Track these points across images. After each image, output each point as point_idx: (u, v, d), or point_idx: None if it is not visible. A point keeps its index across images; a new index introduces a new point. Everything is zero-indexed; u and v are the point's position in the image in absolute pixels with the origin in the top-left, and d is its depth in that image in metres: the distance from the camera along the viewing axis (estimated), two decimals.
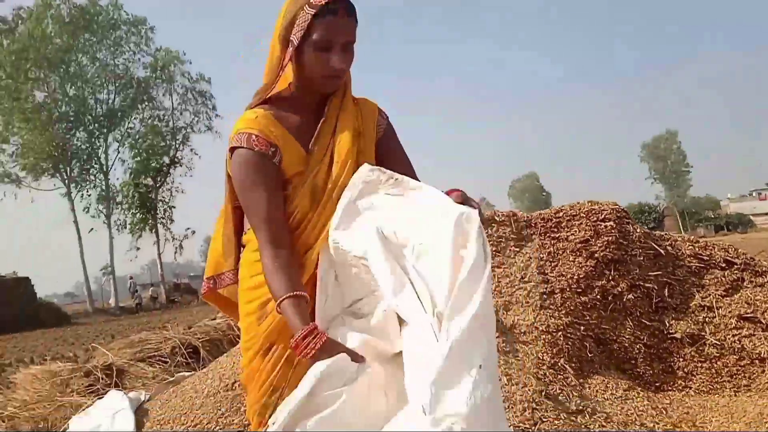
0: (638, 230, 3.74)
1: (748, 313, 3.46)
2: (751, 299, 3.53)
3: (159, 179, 28.41)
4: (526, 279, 3.50)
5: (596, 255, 3.58)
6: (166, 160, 28.46)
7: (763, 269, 3.67)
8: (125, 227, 27.94)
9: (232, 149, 1.48)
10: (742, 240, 21.10)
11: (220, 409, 3.02)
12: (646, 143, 78.49)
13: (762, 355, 3.31)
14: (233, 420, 2.94)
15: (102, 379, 5.01)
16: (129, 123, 28.32)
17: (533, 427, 2.52)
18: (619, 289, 3.53)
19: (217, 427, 2.93)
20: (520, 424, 2.52)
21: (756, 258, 3.77)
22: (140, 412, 3.46)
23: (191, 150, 29.35)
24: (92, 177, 27.76)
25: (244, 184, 1.48)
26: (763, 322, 3.42)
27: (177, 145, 28.71)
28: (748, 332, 3.41)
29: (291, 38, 1.47)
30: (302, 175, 1.50)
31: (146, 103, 28.40)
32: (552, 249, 3.64)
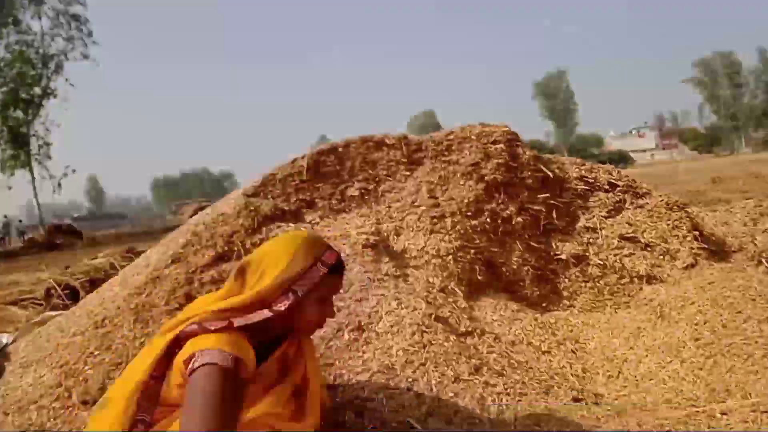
0: (527, 153, 3.71)
1: (629, 234, 3.56)
2: (632, 220, 3.63)
3: (31, 112, 26.07)
4: (416, 203, 3.41)
5: (486, 178, 3.53)
6: (38, 90, 26.09)
7: (644, 191, 3.78)
8: None
9: (211, 364, 1.44)
10: None
11: (88, 348, 2.75)
12: (538, 82, 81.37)
13: (641, 273, 3.43)
14: (104, 358, 2.68)
15: None
16: None
17: (422, 350, 2.45)
18: (509, 213, 3.52)
19: (86, 367, 2.66)
20: (410, 347, 2.45)
21: (637, 180, 3.87)
22: (2, 354, 3.12)
23: (66, 80, 27.06)
24: None
25: (212, 403, 1.40)
26: (642, 241, 3.53)
27: (49, 75, 26.34)
28: (629, 251, 3.52)
29: (295, 288, 1.60)
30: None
31: (11, 27, 25.64)
32: (443, 173, 3.55)
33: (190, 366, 1.46)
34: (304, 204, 3.38)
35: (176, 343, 1.53)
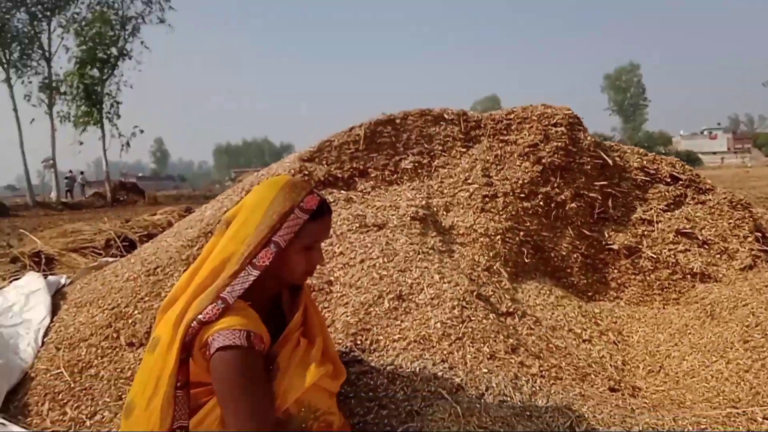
0: (589, 138, 3.63)
1: (686, 229, 3.45)
2: (691, 215, 3.51)
3: (106, 71, 26.90)
4: (469, 181, 3.39)
5: (543, 161, 3.47)
6: (114, 51, 26.88)
7: (707, 187, 3.65)
8: (69, 119, 26.65)
9: (224, 348, 1.42)
10: None
11: (139, 293, 2.87)
12: (609, 74, 78.90)
13: (695, 270, 3.33)
14: (153, 304, 2.80)
15: (30, 266, 4.79)
16: (75, 8, 26.43)
17: (461, 325, 2.45)
18: (563, 197, 3.46)
19: (136, 311, 2.79)
20: (448, 321, 2.45)
21: (701, 176, 3.74)
22: (58, 295, 3.29)
23: (141, 42, 27.91)
24: (34, 63, 26.19)
25: (239, 385, 1.42)
26: (700, 238, 3.42)
27: (126, 36, 27.07)
28: (684, 247, 3.41)
29: (276, 240, 1.51)
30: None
31: None
32: (499, 152, 3.52)
33: (207, 354, 1.45)
34: (357, 173, 3.41)
35: (185, 349, 1.48)
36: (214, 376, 1.44)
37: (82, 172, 34.66)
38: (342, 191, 3.27)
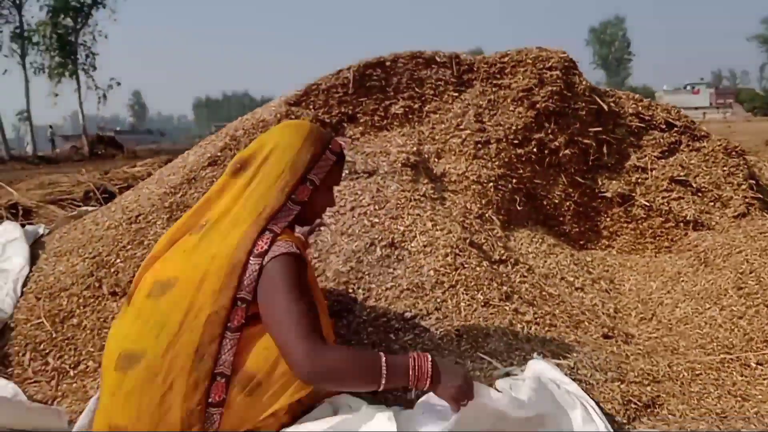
0: (584, 83, 3.53)
1: (680, 176, 3.41)
2: (685, 162, 3.46)
3: (80, 20, 26.08)
4: (461, 126, 3.29)
5: (538, 106, 3.37)
6: None
7: (702, 134, 3.59)
8: (43, 70, 25.92)
9: (281, 255, 1.49)
10: None
11: (121, 242, 2.77)
12: (594, 28, 78.31)
13: (688, 218, 3.30)
14: (136, 253, 2.71)
15: (6, 218, 4.65)
16: None
17: (454, 272, 2.40)
18: (557, 144, 3.38)
19: (118, 260, 2.70)
20: (441, 269, 2.40)
21: (696, 122, 3.68)
22: (37, 245, 3.18)
23: None
24: (5, 12, 25.27)
25: (296, 287, 1.46)
26: (694, 185, 3.38)
27: None
28: (678, 195, 3.38)
29: (311, 177, 1.62)
30: None
31: None
32: (492, 96, 3.41)
33: (262, 262, 1.48)
34: (345, 117, 3.29)
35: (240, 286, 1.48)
36: (267, 282, 1.46)
37: (50, 126, 33.88)
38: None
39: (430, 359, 1.45)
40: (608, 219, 3.41)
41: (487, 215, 3.04)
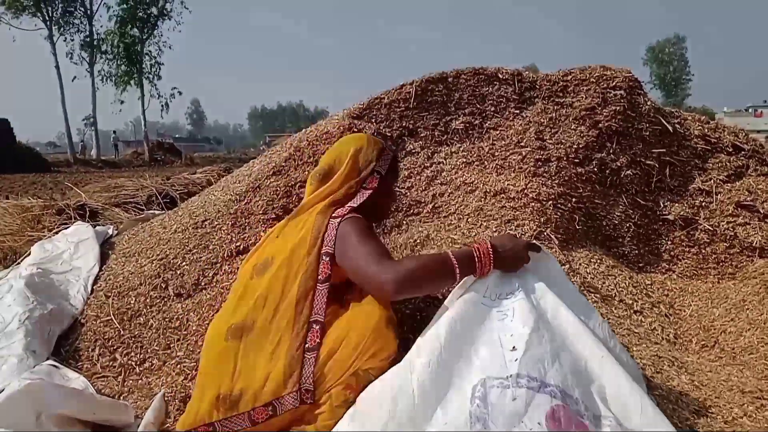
0: (649, 103, 3.48)
1: (747, 201, 3.31)
2: (753, 187, 3.36)
3: (146, 31, 27.09)
4: (522, 144, 3.28)
5: (600, 125, 3.34)
6: (155, 11, 27.00)
7: None
8: (110, 78, 26.98)
9: (350, 217, 1.78)
10: None
11: (187, 245, 2.87)
12: (652, 47, 76.52)
13: (754, 244, 3.20)
14: (201, 256, 2.80)
15: (75, 218, 4.86)
16: None
17: None
18: (618, 164, 3.33)
19: (184, 263, 2.79)
20: None
21: (766, 146, 3.57)
22: (106, 245, 3.32)
23: (182, 2, 27.87)
24: (76, 21, 26.46)
25: (366, 234, 1.71)
26: (761, 211, 3.28)
27: None
28: (744, 220, 3.28)
29: (378, 169, 1.90)
30: None
31: None
32: (554, 114, 3.39)
33: (337, 223, 1.75)
34: (406, 131, 3.33)
35: (326, 243, 1.75)
36: (342, 235, 1.72)
37: (114, 131, 35.15)
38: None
39: (489, 245, 1.62)
40: (669, 242, 3.34)
41: (545, 233, 3.02)
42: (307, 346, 1.63)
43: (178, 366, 2.25)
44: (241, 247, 2.83)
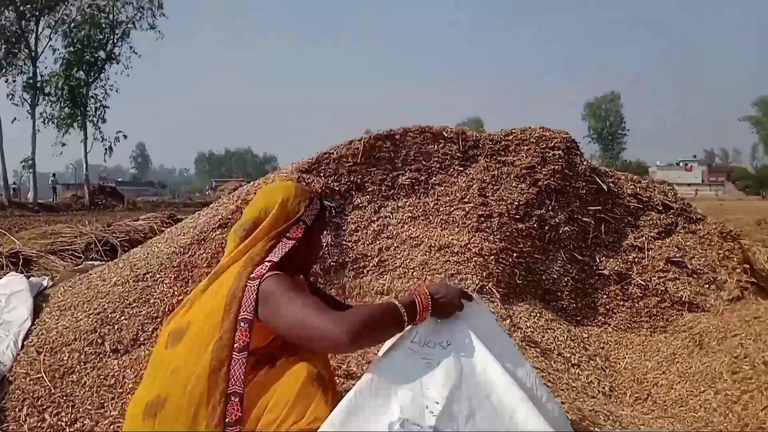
0: (585, 163, 3.67)
1: (676, 257, 3.49)
2: (681, 244, 3.55)
3: (92, 74, 26.68)
4: (466, 200, 3.39)
5: (540, 183, 3.49)
6: (102, 54, 26.68)
7: (698, 217, 3.69)
8: (52, 121, 26.30)
9: (272, 276, 1.66)
10: None
11: (127, 299, 2.81)
12: (591, 102, 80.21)
13: (683, 299, 3.36)
14: (141, 311, 2.75)
15: (7, 266, 4.67)
16: (65, 9, 26.20)
17: None
18: (557, 221, 3.48)
19: (123, 317, 2.73)
20: None
21: (693, 205, 3.79)
22: (40, 297, 3.20)
23: (130, 47, 27.58)
24: (20, 63, 25.86)
25: (289, 290, 1.61)
26: (690, 267, 3.46)
27: (115, 40, 26.87)
28: (674, 276, 3.45)
29: (304, 218, 1.82)
30: None
31: None
32: (496, 172, 3.53)
33: (256, 285, 1.64)
34: (354, 186, 3.40)
35: (242, 308, 1.64)
36: (265, 296, 1.61)
37: (53, 174, 34.13)
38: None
39: (428, 293, 1.62)
40: (605, 296, 3.47)
41: (487, 287, 3.10)
42: (227, 420, 1.53)
43: (112, 426, 2.18)
44: (182, 301, 2.79)
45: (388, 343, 1.66)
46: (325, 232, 2.19)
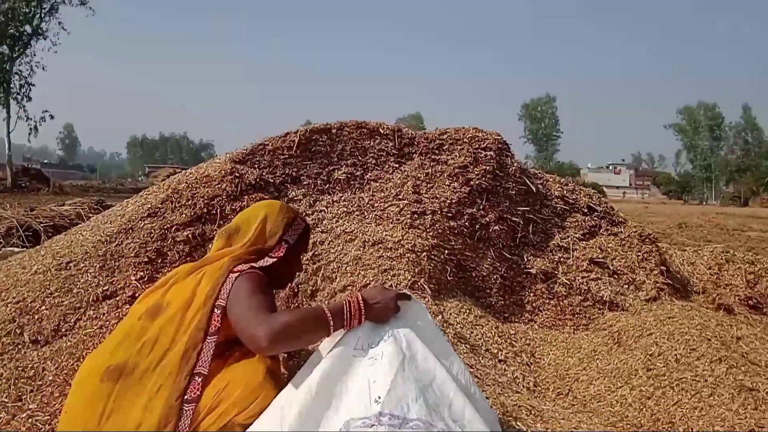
0: (515, 164, 3.77)
1: (599, 258, 3.63)
2: (604, 245, 3.70)
3: (17, 49, 25.38)
4: (400, 196, 3.43)
5: (472, 182, 3.57)
6: (28, 29, 25.41)
7: (620, 220, 3.86)
8: None
9: (247, 272, 1.80)
10: None
11: (48, 288, 2.71)
12: (527, 104, 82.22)
13: (604, 298, 3.50)
14: (63, 301, 2.65)
15: None
16: None
17: None
18: (487, 220, 3.56)
19: (43, 307, 2.63)
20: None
21: (615, 208, 3.95)
22: None
23: (59, 23, 26.39)
24: None
25: (257, 289, 1.73)
26: (611, 268, 3.61)
27: (42, 15, 25.64)
28: (596, 276, 3.59)
29: (286, 238, 1.98)
30: None
31: None
32: (430, 170, 3.58)
33: (235, 277, 1.77)
34: (289, 179, 3.38)
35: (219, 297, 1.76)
36: (235, 289, 1.73)
37: None
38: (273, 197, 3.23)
39: (360, 299, 1.68)
40: (532, 294, 3.58)
41: (419, 283, 3.14)
42: (186, 397, 1.61)
43: (30, 420, 2.11)
44: (109, 291, 2.72)
45: (324, 349, 1.69)
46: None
